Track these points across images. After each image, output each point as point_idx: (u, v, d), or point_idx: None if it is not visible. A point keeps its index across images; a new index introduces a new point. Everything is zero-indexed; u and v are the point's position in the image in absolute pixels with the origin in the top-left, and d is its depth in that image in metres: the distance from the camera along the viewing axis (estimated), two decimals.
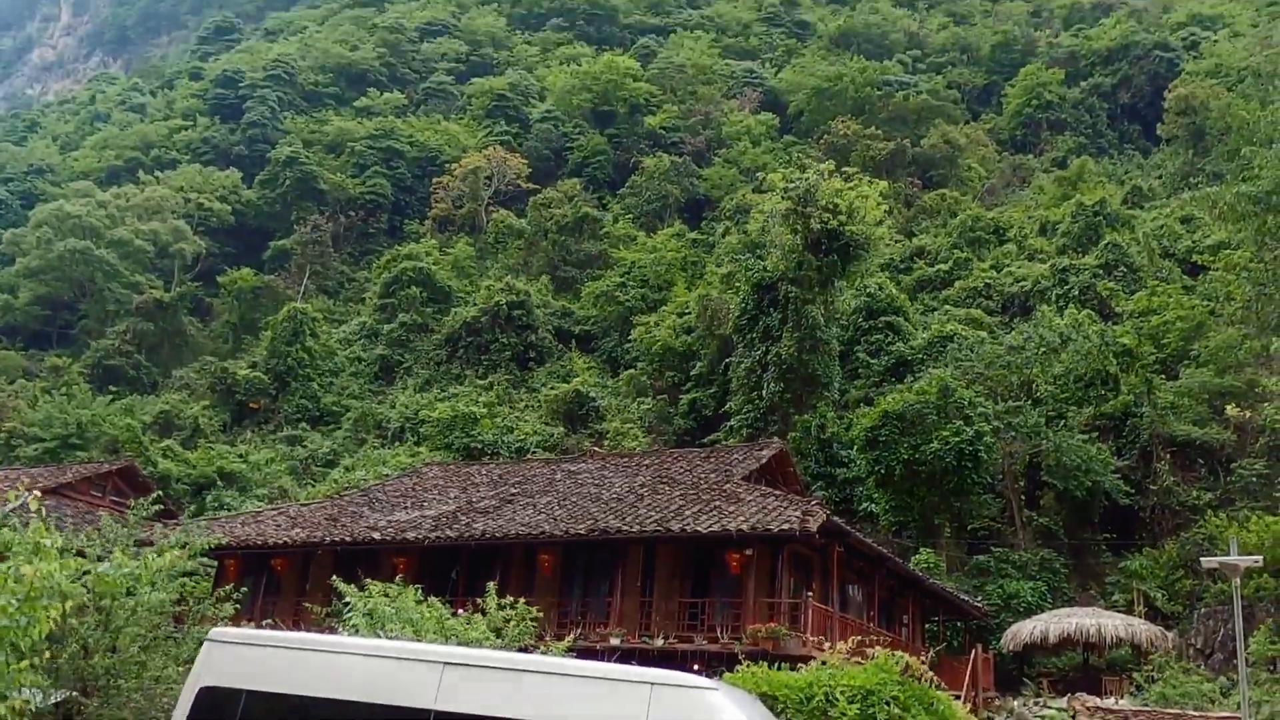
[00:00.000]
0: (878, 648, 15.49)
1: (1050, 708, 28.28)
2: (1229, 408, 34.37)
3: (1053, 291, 57.32)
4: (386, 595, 16.80)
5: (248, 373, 71.58)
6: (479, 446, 53.31)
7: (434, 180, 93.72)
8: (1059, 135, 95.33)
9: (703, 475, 26.69)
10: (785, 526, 21.44)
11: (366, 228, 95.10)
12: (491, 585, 17.54)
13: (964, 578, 37.00)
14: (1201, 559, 20.81)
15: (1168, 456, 41.29)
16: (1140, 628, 31.87)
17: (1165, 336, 47.97)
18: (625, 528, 23.15)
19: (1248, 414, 33.58)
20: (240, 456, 61.58)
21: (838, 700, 14.46)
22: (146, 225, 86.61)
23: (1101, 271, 56.67)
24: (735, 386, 50.17)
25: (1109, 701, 28.25)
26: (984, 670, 27.84)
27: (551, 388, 64.66)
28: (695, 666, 18.32)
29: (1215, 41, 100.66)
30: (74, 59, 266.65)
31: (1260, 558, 20.04)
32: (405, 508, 27.95)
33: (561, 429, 59.31)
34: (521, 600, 17.79)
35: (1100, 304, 53.35)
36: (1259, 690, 26.93)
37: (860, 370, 52.67)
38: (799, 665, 15.33)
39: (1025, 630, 32.55)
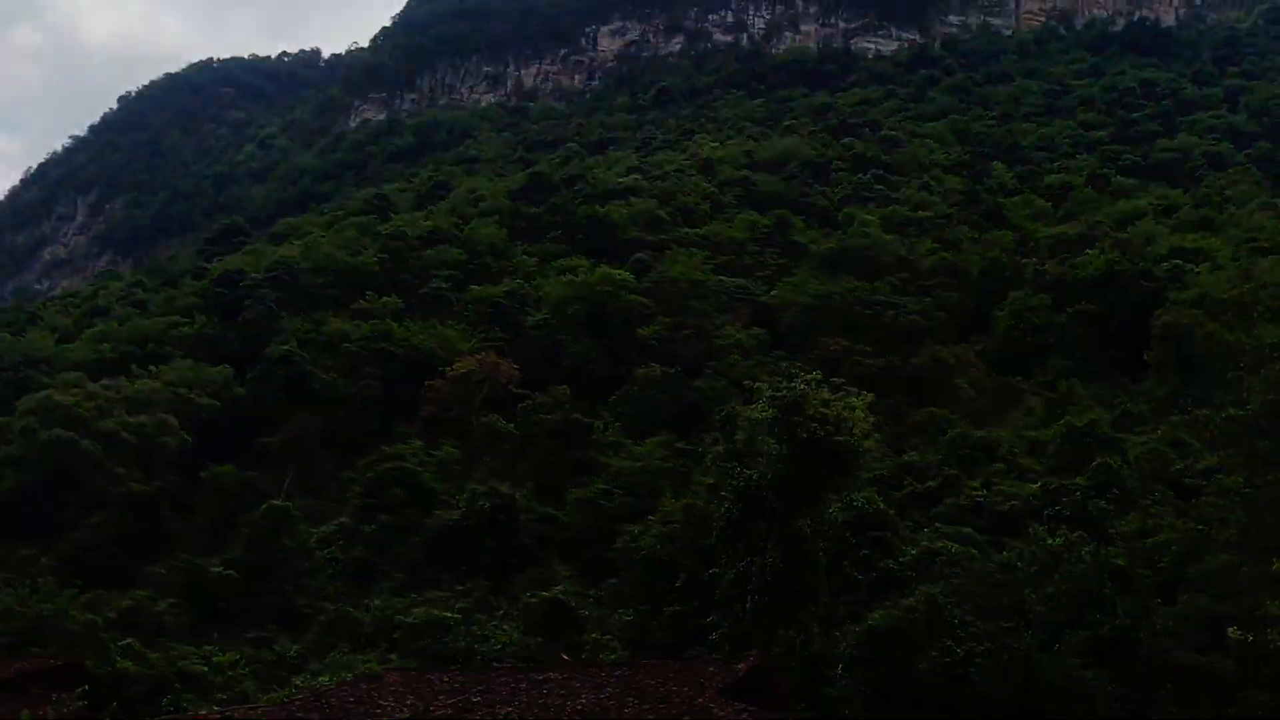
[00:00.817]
0: None
1: None
2: (1230, 630, 32.98)
3: (1044, 511, 56.39)
4: None
5: (219, 570, 69.67)
6: (451, 654, 51.21)
7: (426, 383, 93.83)
8: (1048, 359, 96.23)
9: (675, 689, 25.14)
10: None
11: (355, 427, 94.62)
12: None
13: None
14: None
15: (1169, 685, 39.50)
16: None
17: (1161, 560, 46.82)
18: None
19: (1249, 637, 32.15)
20: (203, 658, 59.20)
21: None
22: (134, 418, 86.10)
23: (1093, 492, 55.92)
24: (717, 599, 48.52)
25: None
26: None
27: (531, 595, 62.82)
28: None
29: (1198, 273, 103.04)
30: (85, 257, 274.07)
31: None
32: (357, 717, 26.22)
33: (539, 638, 57.20)
34: None
35: (1092, 525, 52.29)
36: None
37: (848, 587, 51.09)
38: None
39: None
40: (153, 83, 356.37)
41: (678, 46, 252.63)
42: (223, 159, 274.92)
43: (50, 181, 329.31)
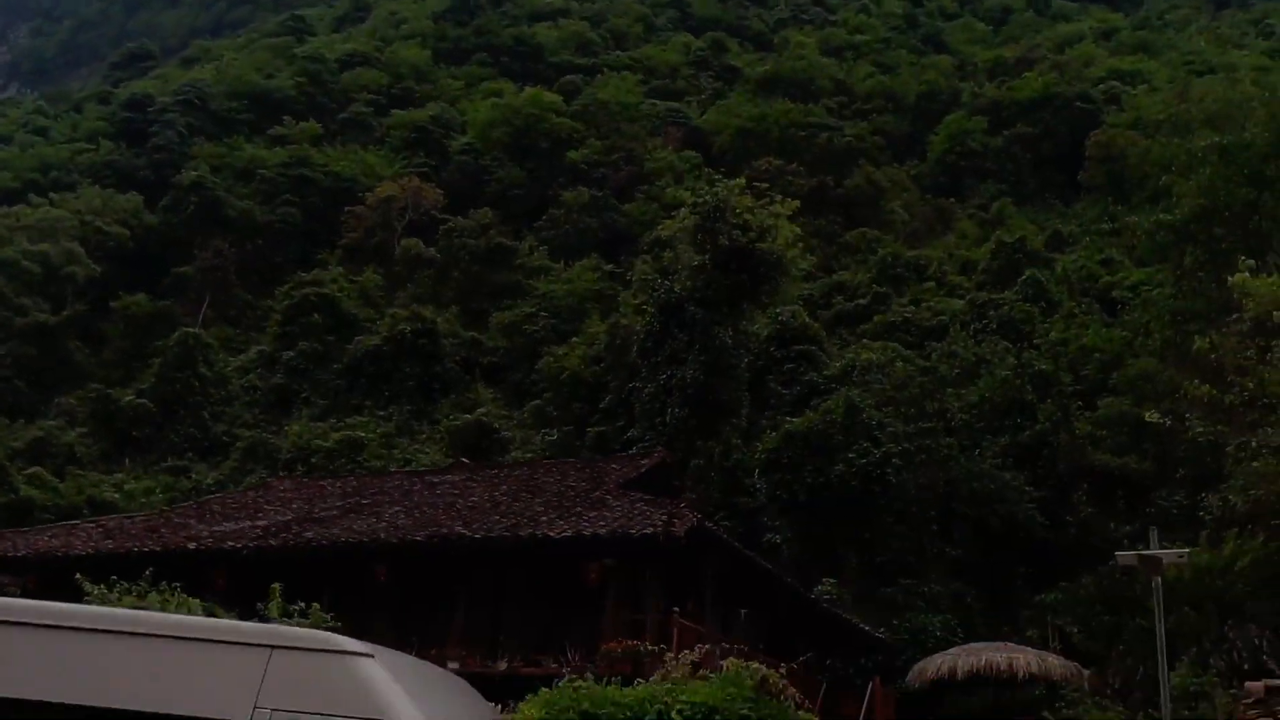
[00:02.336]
0: (730, 659, 12.70)
1: None
2: (1148, 413, 32.35)
3: (971, 325, 55.63)
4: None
5: (132, 400, 67.44)
6: (368, 475, 49.92)
7: (346, 209, 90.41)
8: (982, 182, 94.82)
9: (573, 485, 23.87)
10: (647, 531, 18.68)
11: (274, 256, 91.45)
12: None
13: (870, 611, 34.37)
14: (1117, 554, 18.37)
15: (1085, 487, 39.27)
16: (1055, 664, 29.46)
17: (1084, 366, 46.29)
18: (469, 534, 20.21)
19: (1167, 422, 31.56)
20: (115, 486, 57.59)
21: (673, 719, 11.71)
22: (36, 247, 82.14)
23: (1020, 304, 55.18)
24: (639, 413, 47.47)
25: None
26: (884, 706, 25.14)
27: (454, 418, 61.58)
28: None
29: (1135, 95, 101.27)
30: None
31: (1186, 552, 17.60)
32: (237, 519, 24.71)
33: (463, 461, 56.16)
34: (329, 613, 14.79)
35: (1019, 337, 51.66)
36: None
37: (771, 400, 50.29)
38: None
39: (932, 666, 29.97)
40: None
41: None
42: None
43: None
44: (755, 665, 12.52)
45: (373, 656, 5.38)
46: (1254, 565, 32.56)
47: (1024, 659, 29.12)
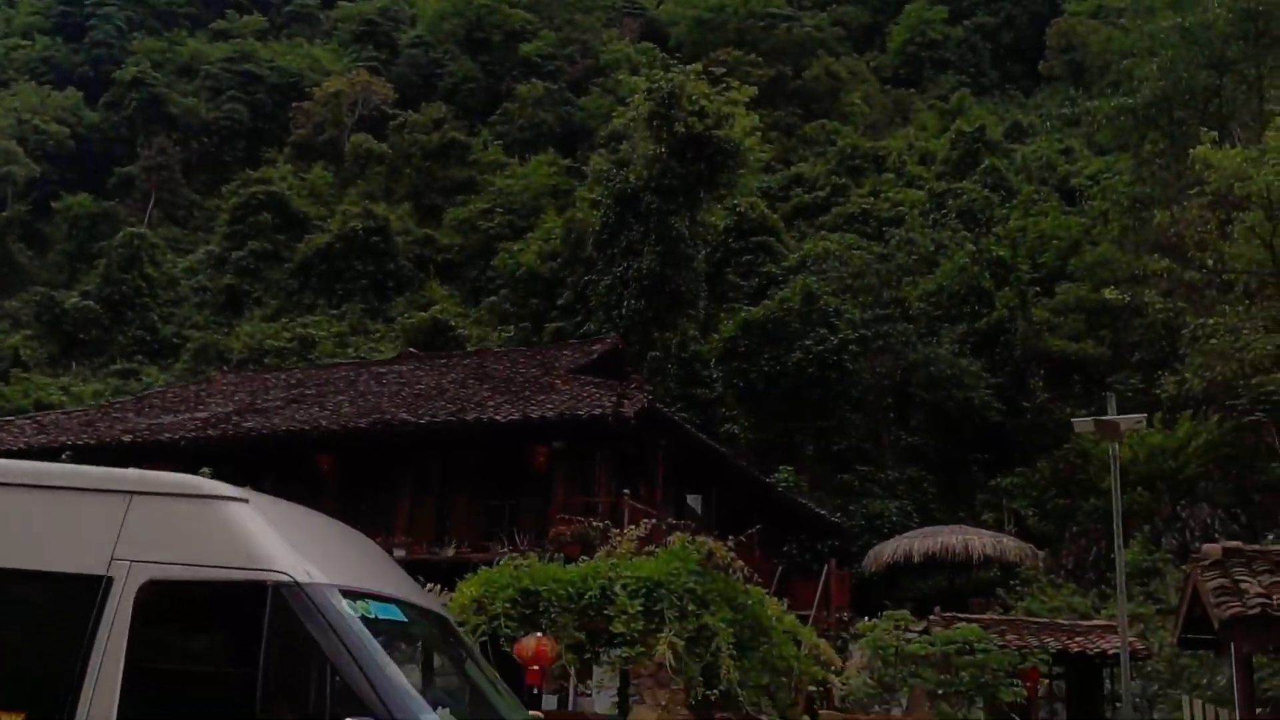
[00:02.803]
0: (677, 534, 12.28)
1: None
2: (1107, 290, 32.15)
3: (930, 215, 55.11)
4: None
5: (78, 302, 65.86)
6: (314, 368, 49.16)
7: (294, 106, 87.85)
8: (942, 73, 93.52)
9: (522, 372, 23.29)
10: (596, 412, 18.19)
11: (220, 155, 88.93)
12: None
13: (826, 497, 34.37)
14: (1074, 420, 18.09)
15: (1042, 373, 39.24)
16: (1009, 545, 29.59)
17: (1042, 254, 46.02)
18: (413, 420, 19.64)
19: (1127, 297, 31.39)
20: (63, 389, 56.42)
21: (617, 595, 11.29)
22: None
23: (980, 193, 54.66)
24: (595, 305, 46.80)
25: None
26: (839, 590, 25.11)
27: (409, 316, 60.65)
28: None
29: None
30: None
31: (1143, 418, 17.35)
32: (177, 412, 23.99)
33: (410, 351, 55.39)
34: None
35: (977, 226, 51.24)
36: (1133, 604, 24.74)
37: (729, 292, 49.73)
38: None
39: (888, 550, 30.05)
40: None
41: None
42: None
43: None
44: (702, 539, 12.13)
45: (246, 501, 4.80)
46: (1207, 445, 32.79)
47: (979, 541, 29.22)
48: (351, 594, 4.51)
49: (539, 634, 11.28)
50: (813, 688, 15.53)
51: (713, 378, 39.30)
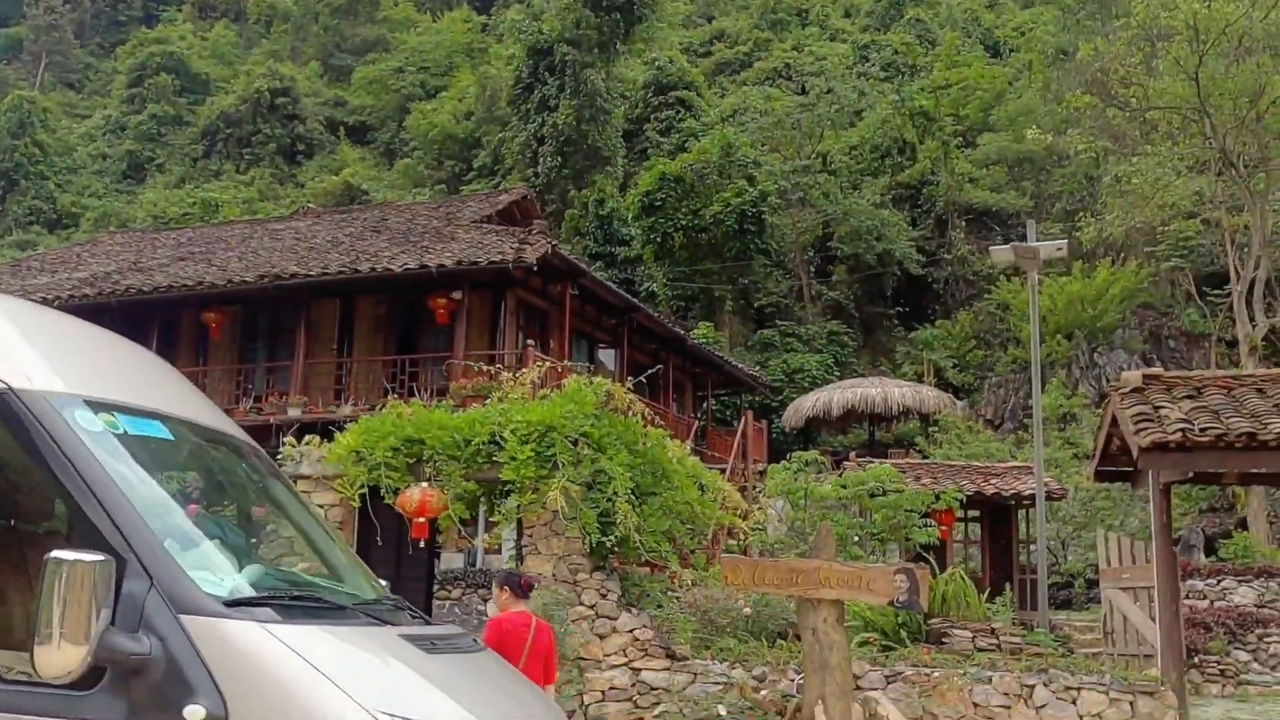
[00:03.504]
0: (573, 376, 11.46)
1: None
2: (1029, 131, 31.55)
3: (854, 69, 53.80)
4: None
5: None
6: (206, 226, 47.28)
7: None
8: None
9: (424, 223, 22.10)
10: (496, 259, 17.18)
11: (116, 15, 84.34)
12: None
13: (746, 353, 33.91)
14: (991, 250, 17.51)
15: (963, 225, 38.81)
16: (928, 395, 29.39)
17: (965, 107, 45.17)
18: (303, 272, 18.49)
19: (1049, 136, 30.80)
20: None
21: (506, 441, 10.50)
22: None
23: (904, 43, 53.35)
24: (510, 163, 45.26)
25: None
26: (757, 442, 24.71)
27: (320, 181, 58.48)
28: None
29: None
30: None
31: (1064, 243, 16.80)
32: (55, 273, 22.52)
33: (308, 207, 53.56)
34: None
35: (901, 79, 50.13)
36: (1049, 448, 24.75)
37: (649, 150, 48.35)
38: None
39: (807, 404, 29.73)
40: None
41: None
42: None
43: None
44: (600, 380, 11.36)
45: None
46: (1124, 293, 32.70)
47: (898, 392, 28.98)
48: (101, 406, 3.61)
49: (423, 484, 10.53)
50: (732, 541, 15.09)
51: (631, 236, 38.27)
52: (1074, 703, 9.93)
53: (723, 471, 22.33)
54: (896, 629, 11.44)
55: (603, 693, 10.32)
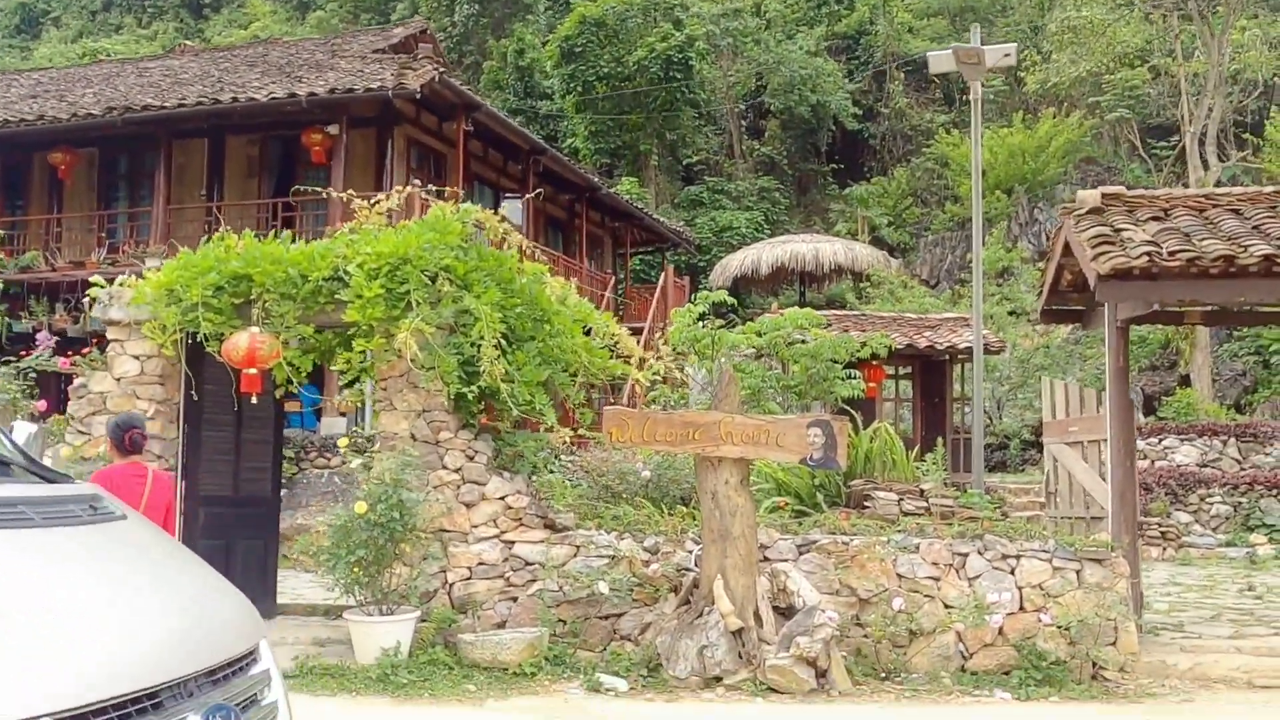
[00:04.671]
0: (438, 202, 9.64)
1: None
2: None
3: None
4: None
5: None
6: (71, 67, 44.00)
7: None
8: None
9: (307, 57, 19.82)
10: (374, 86, 15.13)
11: None
12: None
13: (673, 211, 32.12)
14: (929, 55, 15.79)
15: (902, 77, 36.92)
16: (862, 253, 27.89)
17: None
18: (156, 104, 16.30)
19: None
20: None
21: (351, 276, 8.74)
22: None
23: None
24: (426, 13, 42.27)
25: None
26: (679, 298, 23.10)
27: (227, 36, 54.80)
28: None
29: None
30: None
31: (1012, 48, 15.12)
32: None
33: (185, 44, 50.23)
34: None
35: None
36: (986, 304, 23.51)
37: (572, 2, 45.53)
38: None
39: (735, 262, 28.13)
40: None
41: None
42: None
43: None
44: (470, 206, 9.58)
45: None
46: (1067, 146, 31.25)
47: (830, 249, 27.45)
48: None
49: (253, 329, 8.78)
50: (650, 393, 13.59)
51: (553, 89, 35.93)
52: (1012, 572, 8.61)
53: (640, 331, 20.80)
54: (812, 492, 10.03)
55: (469, 569, 8.82)
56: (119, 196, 18.71)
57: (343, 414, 15.96)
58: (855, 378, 12.29)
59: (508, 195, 20.90)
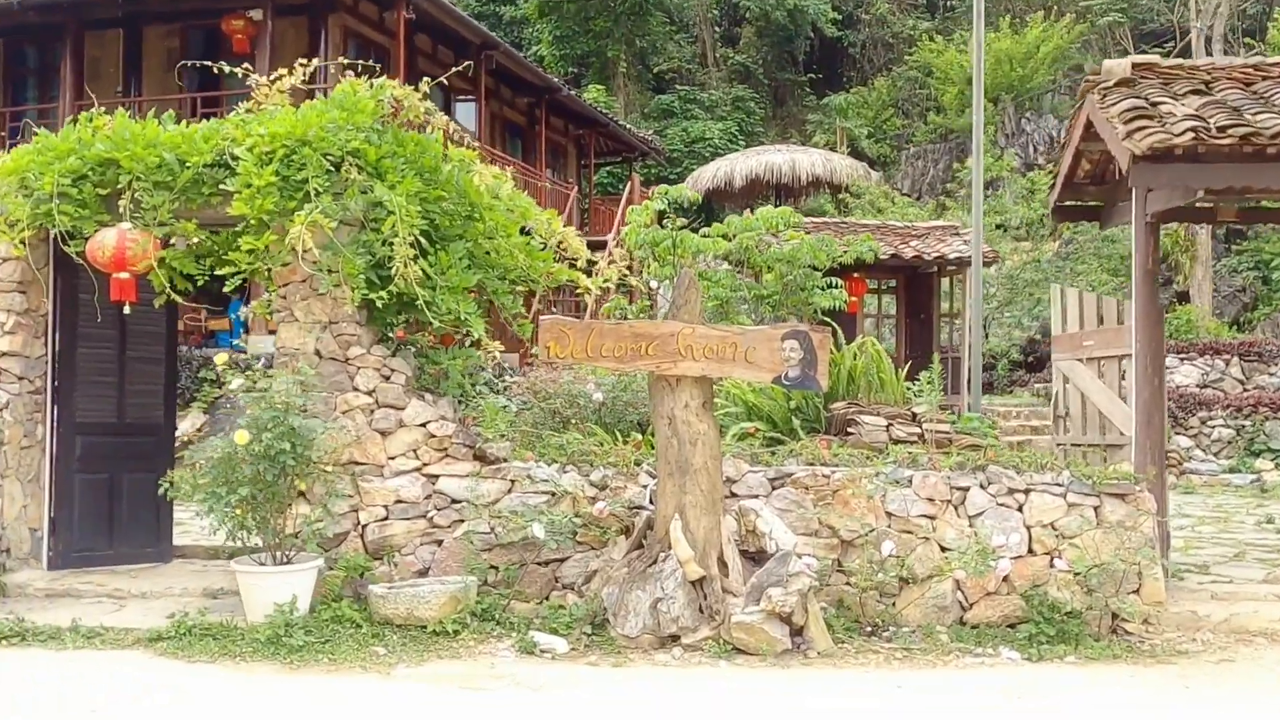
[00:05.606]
0: (351, 80, 8.11)
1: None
2: None
3: None
4: None
5: None
6: None
7: None
8: None
9: None
10: None
11: None
12: None
13: (643, 121, 30.47)
14: None
15: None
16: (841, 164, 26.43)
17: None
18: None
19: None
20: None
21: (240, 162, 7.26)
22: None
23: None
24: None
25: None
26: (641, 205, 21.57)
27: None
28: None
29: None
30: None
31: None
32: None
33: None
34: None
35: None
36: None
37: None
38: None
39: (707, 174, 26.60)
40: None
41: None
42: None
43: None
44: (388, 82, 8.10)
45: None
46: (1057, 52, 29.79)
47: (807, 160, 25.97)
48: None
49: (122, 225, 7.33)
50: (606, 306, 12.26)
51: None
52: (1020, 509, 7.37)
53: (603, 245, 19.37)
54: (787, 416, 8.72)
55: (386, 508, 7.49)
56: (27, 94, 17.04)
57: (271, 331, 14.50)
58: (837, 287, 10.96)
59: (461, 98, 19.33)
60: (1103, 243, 20.69)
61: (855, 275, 13.46)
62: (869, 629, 7.08)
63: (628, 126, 25.22)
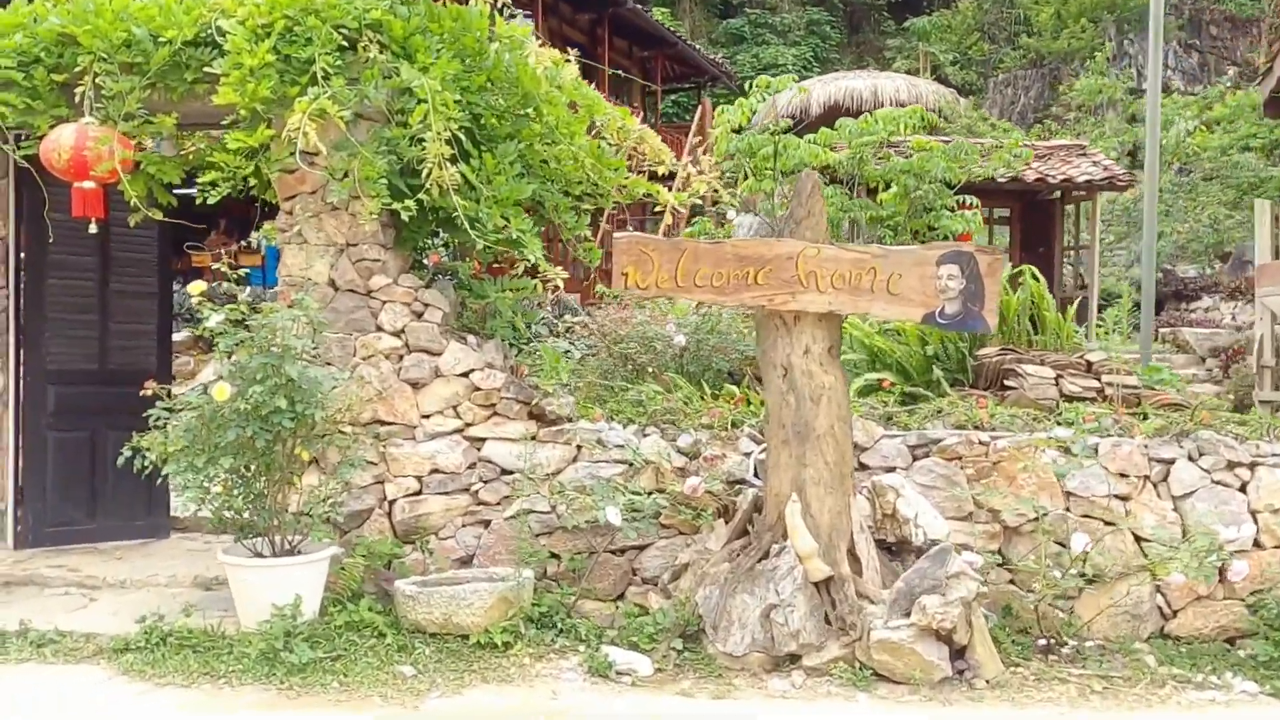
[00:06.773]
0: None
1: None
2: None
3: None
4: None
5: None
6: None
7: None
8: None
9: None
10: None
11: None
12: None
13: (711, 48, 28.43)
14: None
15: None
16: (927, 90, 24.18)
17: None
18: None
19: None
20: None
21: (229, 36, 5.58)
22: None
23: None
24: None
25: None
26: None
27: None
28: None
29: None
30: None
31: None
32: None
33: None
34: None
35: None
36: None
37: None
38: None
39: (782, 101, 24.33)
40: None
41: None
42: None
43: None
44: None
45: None
46: None
47: (891, 85, 23.80)
48: None
49: (84, 121, 5.75)
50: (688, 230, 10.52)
51: None
52: (1243, 489, 5.62)
53: (672, 176, 17.55)
54: (925, 365, 6.96)
55: (418, 480, 5.89)
56: None
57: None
58: (969, 212, 9.11)
59: (513, 10, 17.46)
60: (1231, 168, 18.49)
61: (963, 203, 11.63)
62: (1042, 643, 5.39)
63: (697, 47, 23.27)
